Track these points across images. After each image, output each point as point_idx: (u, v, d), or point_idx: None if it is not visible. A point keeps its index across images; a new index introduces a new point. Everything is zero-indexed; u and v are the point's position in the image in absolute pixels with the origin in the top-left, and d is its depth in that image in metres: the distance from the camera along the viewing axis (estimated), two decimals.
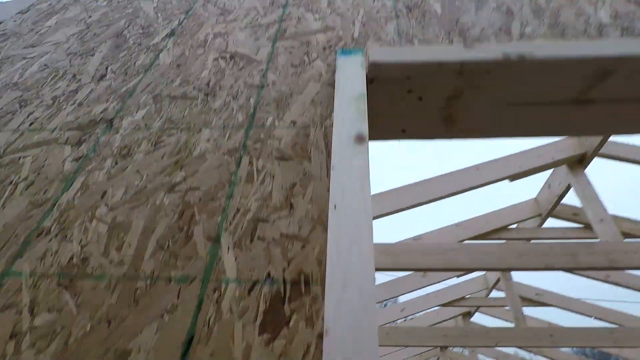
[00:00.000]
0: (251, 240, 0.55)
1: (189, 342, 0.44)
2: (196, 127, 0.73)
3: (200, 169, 0.65)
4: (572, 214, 3.33)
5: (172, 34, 1.05)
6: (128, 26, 1.12)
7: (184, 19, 1.12)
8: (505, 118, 0.82)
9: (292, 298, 0.48)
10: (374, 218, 3.03)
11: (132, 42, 1.04)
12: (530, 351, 4.42)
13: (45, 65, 0.98)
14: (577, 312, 4.39)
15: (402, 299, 4.71)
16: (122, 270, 0.52)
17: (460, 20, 0.97)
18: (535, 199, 3.35)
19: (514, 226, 3.46)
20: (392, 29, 0.96)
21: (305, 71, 0.85)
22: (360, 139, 0.56)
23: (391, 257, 2.33)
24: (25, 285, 0.51)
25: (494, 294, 4.69)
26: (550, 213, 3.25)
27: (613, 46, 0.69)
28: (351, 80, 0.68)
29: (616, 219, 3.05)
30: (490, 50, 0.70)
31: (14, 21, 1.23)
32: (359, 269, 0.43)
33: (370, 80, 0.76)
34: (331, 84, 0.80)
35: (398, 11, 1.03)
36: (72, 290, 0.50)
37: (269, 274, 0.51)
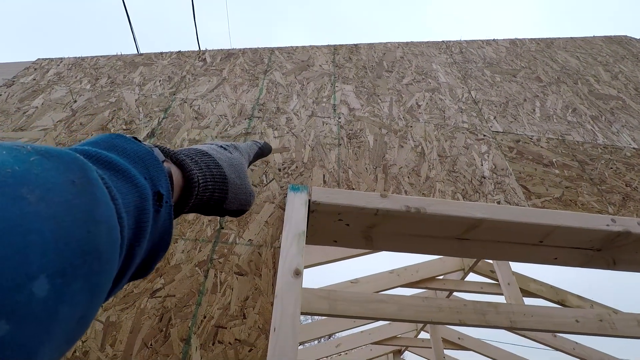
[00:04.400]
0: (213, 343, 0.80)
1: None
2: (173, 237, 0.99)
3: (176, 278, 0.90)
4: (490, 271, 3.90)
5: (152, 134, 1.31)
6: (112, 119, 1.36)
7: (162, 118, 1.39)
8: (408, 242, 1.16)
9: None
10: (321, 264, 3.38)
11: None
12: None
13: None
14: (491, 358, 4.96)
15: (338, 334, 5.13)
16: None
17: (385, 155, 1.33)
18: None
19: (440, 277, 4.00)
20: (334, 157, 1.30)
21: (263, 191, 1.14)
22: (297, 273, 0.85)
23: (328, 302, 2.58)
24: None
25: (423, 334, 5.23)
26: (472, 269, 3.81)
27: (477, 209, 1.06)
28: (296, 217, 0.98)
29: (525, 279, 3.65)
30: (396, 202, 1.04)
31: (0, 95, 1.41)
32: None
33: (312, 211, 1.06)
34: (282, 207, 1.10)
35: (340, 139, 1.38)
36: None
37: None
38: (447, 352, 4.76)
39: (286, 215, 1.00)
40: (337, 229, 1.13)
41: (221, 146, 0.55)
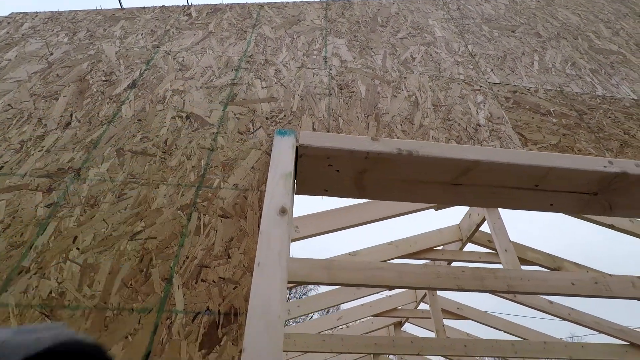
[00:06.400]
0: (196, 282, 0.78)
1: (147, 356, 0.66)
2: (155, 182, 0.95)
3: (157, 221, 0.87)
4: (487, 241, 3.91)
5: (133, 85, 1.26)
6: (91, 70, 1.30)
7: (144, 69, 1.33)
8: (401, 189, 1.13)
9: (224, 325, 0.71)
10: (320, 234, 3.33)
11: (95, 90, 1.22)
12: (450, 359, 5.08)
13: (9, 105, 1.14)
14: (490, 326, 5.07)
15: (340, 307, 5.23)
16: (93, 302, 0.73)
17: (378, 105, 1.29)
18: (459, 225, 3.91)
19: (439, 247, 4.02)
20: (324, 106, 1.25)
21: (249, 139, 1.10)
22: (282, 211, 0.82)
23: (327, 271, 2.57)
24: (12, 314, 0.70)
25: (422, 306, 5.31)
26: (470, 238, 3.82)
27: (471, 152, 1.02)
28: (283, 159, 0.95)
29: (522, 247, 3.67)
30: (388, 145, 1.01)
31: None
32: (270, 308, 0.68)
33: (300, 155, 1.03)
34: (269, 153, 1.06)
35: (331, 89, 1.33)
36: (53, 319, 0.70)
37: (208, 307, 0.74)
38: (446, 322, 4.84)
39: (272, 158, 0.97)
40: (327, 176, 1.10)
41: None
